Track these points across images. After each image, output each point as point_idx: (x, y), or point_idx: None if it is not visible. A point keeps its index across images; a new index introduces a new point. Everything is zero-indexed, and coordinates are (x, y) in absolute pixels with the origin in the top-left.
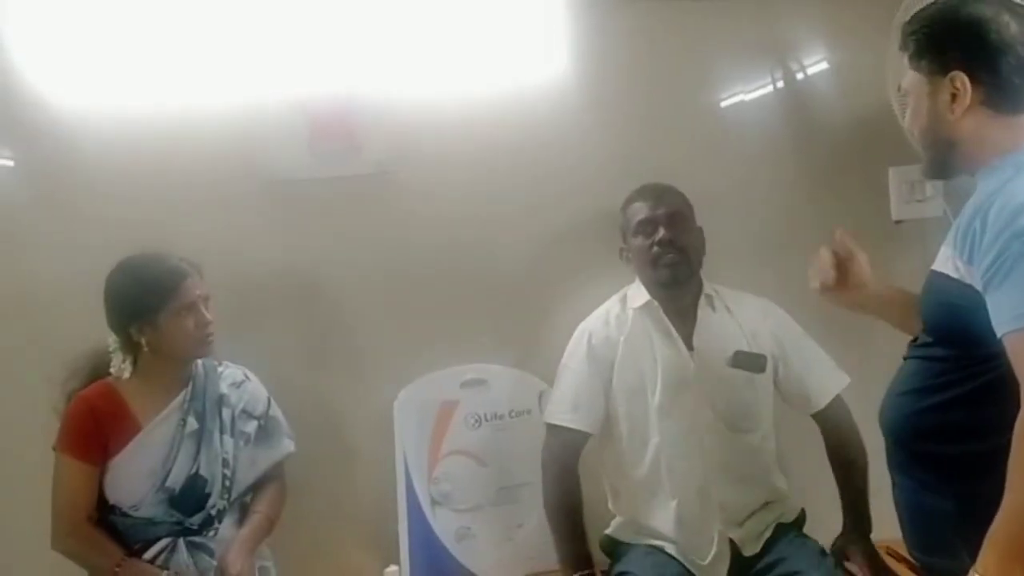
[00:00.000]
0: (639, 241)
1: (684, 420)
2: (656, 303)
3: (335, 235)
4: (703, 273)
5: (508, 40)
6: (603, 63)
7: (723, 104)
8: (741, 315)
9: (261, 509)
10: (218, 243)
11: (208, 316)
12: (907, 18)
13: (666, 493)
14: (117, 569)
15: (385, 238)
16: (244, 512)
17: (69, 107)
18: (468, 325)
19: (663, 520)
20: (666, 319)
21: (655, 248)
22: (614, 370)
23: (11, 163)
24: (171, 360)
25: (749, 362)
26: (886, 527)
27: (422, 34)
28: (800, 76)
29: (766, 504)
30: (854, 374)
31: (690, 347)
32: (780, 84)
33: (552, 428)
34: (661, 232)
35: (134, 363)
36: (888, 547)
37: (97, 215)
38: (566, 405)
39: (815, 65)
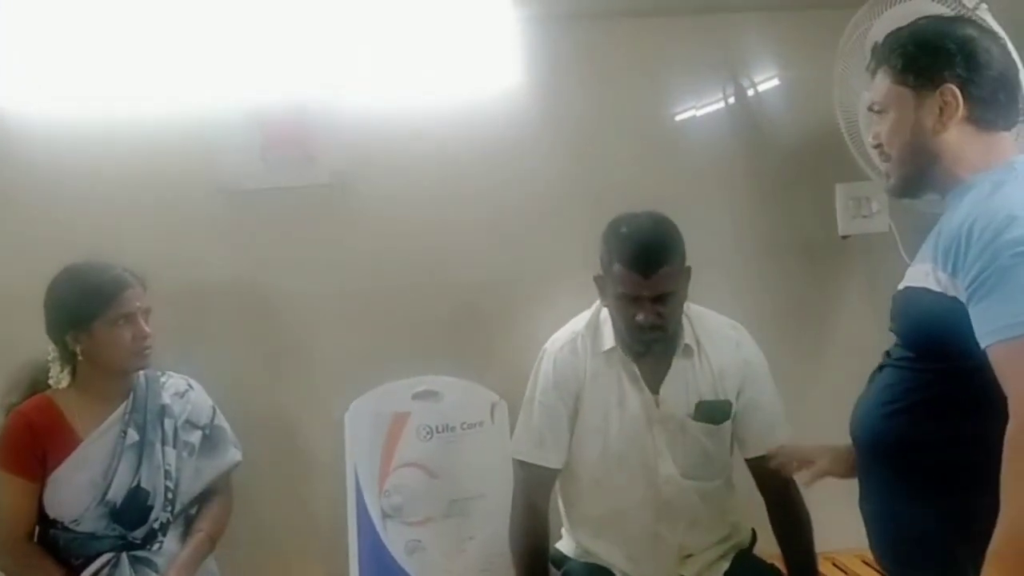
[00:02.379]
0: (620, 304)
1: (641, 469)
2: (623, 351)
3: (288, 244)
4: None
5: (463, 52)
6: (557, 76)
7: (676, 119)
8: (713, 354)
9: (203, 527)
10: (169, 251)
11: (146, 329)
12: (883, 37)
13: (618, 532)
14: None
15: (338, 248)
16: (189, 524)
17: (18, 111)
18: (421, 336)
19: (615, 556)
20: (634, 366)
21: (635, 326)
22: (579, 403)
23: None
24: (109, 371)
25: (712, 413)
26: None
27: (377, 44)
28: (751, 92)
29: (720, 540)
30: (807, 382)
31: (656, 393)
32: (731, 100)
33: (519, 463)
34: (643, 316)
35: (72, 374)
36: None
37: (45, 221)
38: (531, 441)
39: (766, 82)
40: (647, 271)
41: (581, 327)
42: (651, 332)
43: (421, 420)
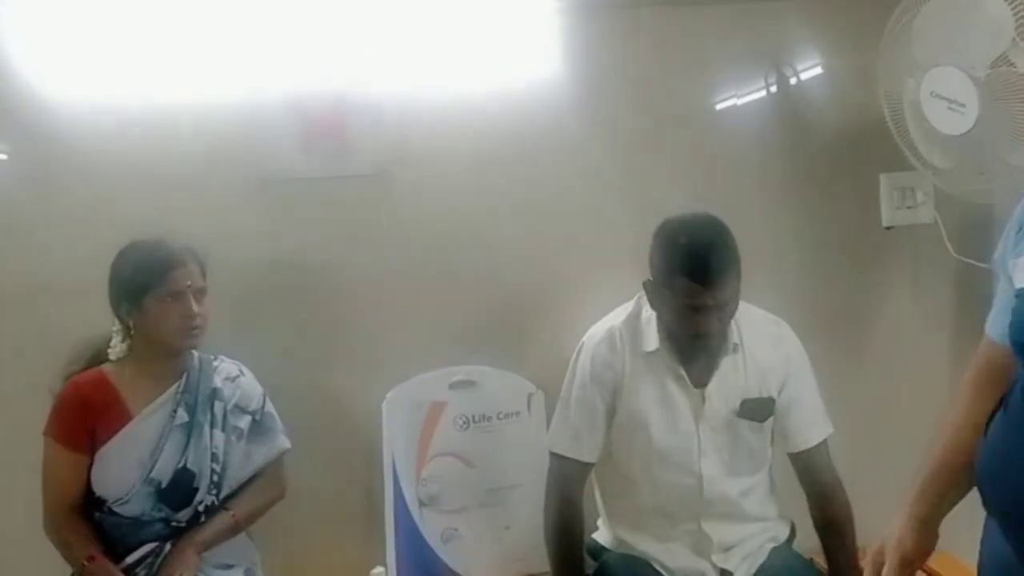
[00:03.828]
0: (679, 314)
1: (685, 467)
2: (670, 351)
3: (327, 235)
4: None
5: (502, 42)
6: (596, 66)
7: (717, 108)
8: (756, 351)
9: (229, 507)
10: (210, 240)
11: (195, 308)
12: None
13: (658, 526)
14: (87, 563)
15: (377, 238)
16: None
17: (63, 102)
18: (459, 326)
19: (654, 549)
20: (679, 366)
21: (697, 332)
22: (617, 399)
23: (4, 156)
24: (160, 347)
25: (757, 410)
26: None
27: (417, 35)
28: (793, 81)
29: (759, 532)
30: (849, 377)
31: (701, 392)
32: (773, 89)
33: (554, 456)
34: (705, 325)
35: (129, 348)
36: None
37: (90, 211)
38: (567, 434)
39: (809, 70)
40: (711, 282)
41: (619, 322)
42: (708, 338)
43: (458, 409)
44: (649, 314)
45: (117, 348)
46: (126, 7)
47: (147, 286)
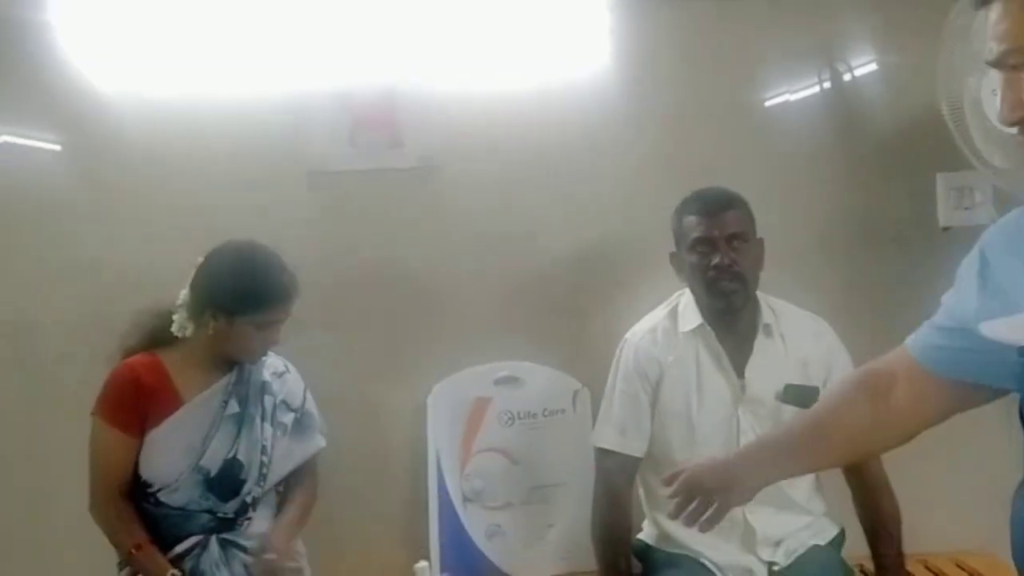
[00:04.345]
0: (694, 259)
1: (725, 450)
2: (709, 327)
3: (374, 227)
4: None
5: (553, 34)
6: (647, 59)
7: (767, 104)
8: (796, 341)
9: (298, 499)
10: (257, 231)
11: (276, 337)
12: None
13: None
14: (134, 551)
15: (424, 231)
16: (276, 506)
17: (114, 94)
18: (505, 322)
19: (700, 543)
20: (719, 345)
21: (712, 271)
22: (659, 390)
23: (58, 147)
24: (224, 354)
25: (800, 396)
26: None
27: (466, 28)
28: (847, 77)
29: (806, 527)
30: None
31: (740, 375)
32: (827, 84)
33: (601, 451)
34: (719, 257)
35: (191, 334)
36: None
37: (140, 201)
38: (614, 429)
39: (863, 66)
40: (715, 211)
41: (661, 316)
42: (728, 278)
43: (503, 405)
44: (687, 299)
45: (182, 325)
46: (177, 1)
47: (246, 310)
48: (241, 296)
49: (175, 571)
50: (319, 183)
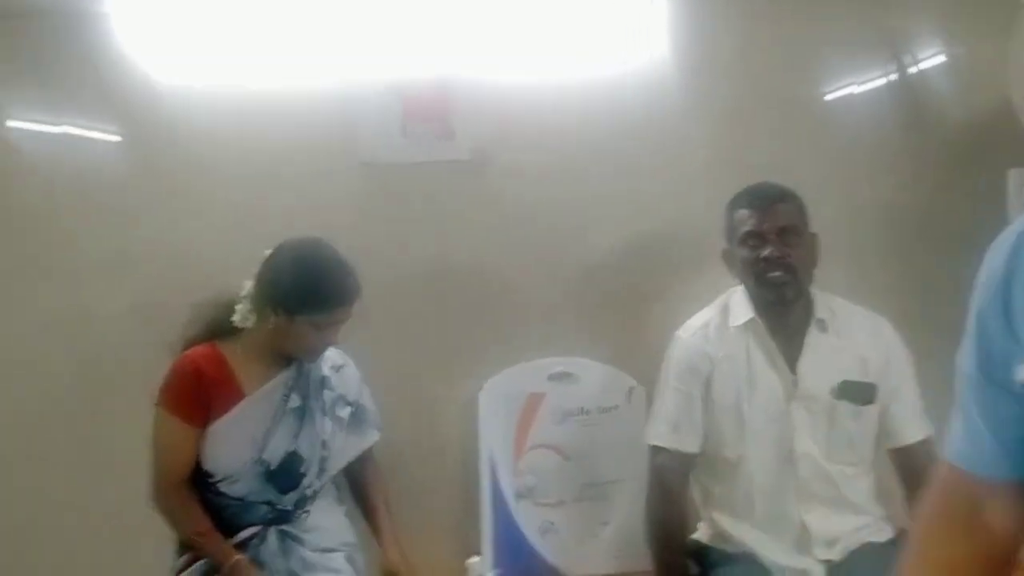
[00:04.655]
0: (745, 252)
1: (779, 447)
2: (760, 321)
3: (426, 220)
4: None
5: (608, 27)
6: (703, 52)
7: (829, 97)
8: (853, 337)
9: (380, 501)
10: (310, 223)
11: (335, 338)
12: None
13: (756, 516)
14: (199, 537)
15: (476, 224)
16: (331, 496)
17: (171, 86)
18: (558, 317)
19: (756, 540)
20: (770, 339)
21: (762, 263)
22: (710, 386)
23: (119, 138)
24: (282, 349)
25: (857, 393)
26: None
27: (518, 19)
28: (913, 70)
29: (864, 527)
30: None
31: (793, 371)
32: (892, 77)
33: (655, 449)
34: (769, 249)
35: (252, 326)
36: None
37: (195, 192)
38: (667, 425)
39: (930, 59)
40: (766, 204)
41: (712, 312)
42: (779, 269)
43: (556, 402)
44: (739, 295)
45: (244, 316)
46: None
47: (306, 310)
48: (302, 296)
49: (240, 555)
50: (371, 174)
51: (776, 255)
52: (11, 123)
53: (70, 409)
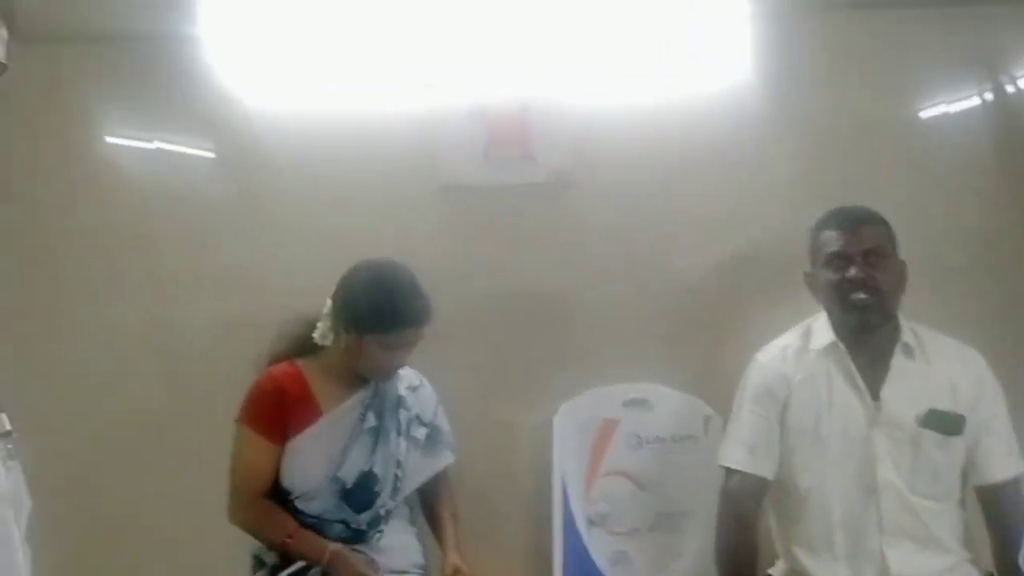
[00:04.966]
0: (828, 275)
1: (859, 476)
2: (842, 345)
3: (505, 243)
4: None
5: (691, 48)
6: (790, 72)
7: (920, 117)
8: (941, 366)
9: (449, 510)
10: (391, 245)
11: (405, 361)
12: None
13: (835, 551)
14: (288, 540)
15: (555, 247)
16: (404, 517)
17: (262, 106)
18: (635, 342)
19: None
20: (852, 364)
21: (846, 284)
22: (787, 410)
23: (212, 155)
24: (355, 368)
25: (944, 423)
26: None
27: (600, 42)
28: (1010, 88)
29: (952, 567)
30: None
31: (876, 397)
32: (987, 96)
33: (728, 472)
34: (853, 271)
35: (330, 344)
36: None
37: (280, 209)
38: (742, 447)
39: None
40: (853, 229)
41: (793, 336)
42: (861, 293)
43: (631, 428)
44: (822, 320)
45: (323, 333)
46: (320, 19)
47: (373, 329)
48: (370, 315)
49: (335, 545)
50: (451, 197)
51: (860, 276)
52: (109, 139)
53: (159, 421)
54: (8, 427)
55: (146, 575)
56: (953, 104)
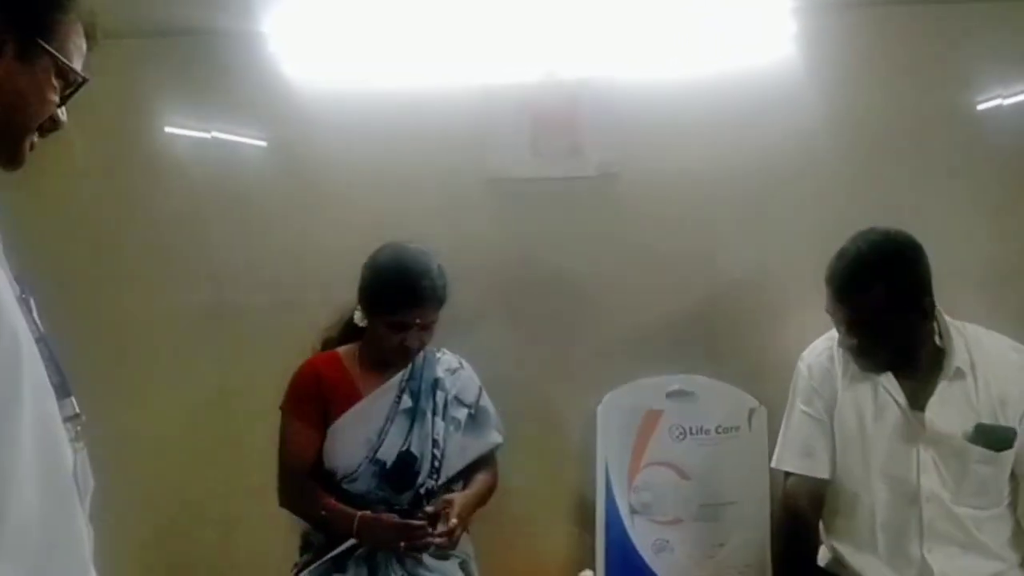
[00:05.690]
0: (833, 321)
1: (903, 487)
2: None
3: (553, 234)
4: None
5: (741, 41)
6: (838, 66)
7: (974, 111)
8: (992, 376)
9: (480, 478)
10: (440, 235)
11: (416, 341)
12: None
13: (879, 554)
14: (325, 514)
15: (603, 239)
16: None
17: (314, 95)
18: (680, 333)
19: (874, 573)
20: (896, 383)
21: (841, 339)
22: (835, 409)
23: (264, 143)
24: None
25: (992, 438)
26: None
27: (649, 36)
28: None
29: (992, 575)
30: None
31: (920, 408)
32: None
33: (785, 475)
34: (843, 334)
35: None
36: None
37: (331, 198)
38: (797, 449)
39: None
40: (843, 296)
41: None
42: (856, 354)
43: (674, 419)
44: None
45: (360, 316)
46: (369, 11)
47: (376, 309)
48: (374, 295)
49: (363, 512)
50: (499, 189)
51: (847, 345)
52: (168, 129)
53: (212, 403)
54: (77, 410)
55: (207, 558)
56: (1008, 98)
